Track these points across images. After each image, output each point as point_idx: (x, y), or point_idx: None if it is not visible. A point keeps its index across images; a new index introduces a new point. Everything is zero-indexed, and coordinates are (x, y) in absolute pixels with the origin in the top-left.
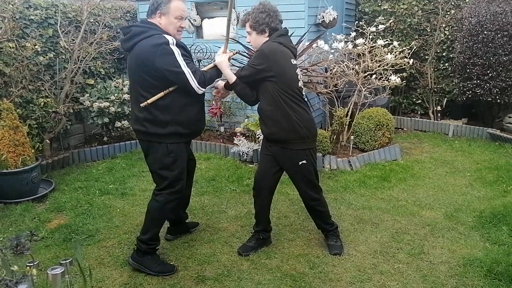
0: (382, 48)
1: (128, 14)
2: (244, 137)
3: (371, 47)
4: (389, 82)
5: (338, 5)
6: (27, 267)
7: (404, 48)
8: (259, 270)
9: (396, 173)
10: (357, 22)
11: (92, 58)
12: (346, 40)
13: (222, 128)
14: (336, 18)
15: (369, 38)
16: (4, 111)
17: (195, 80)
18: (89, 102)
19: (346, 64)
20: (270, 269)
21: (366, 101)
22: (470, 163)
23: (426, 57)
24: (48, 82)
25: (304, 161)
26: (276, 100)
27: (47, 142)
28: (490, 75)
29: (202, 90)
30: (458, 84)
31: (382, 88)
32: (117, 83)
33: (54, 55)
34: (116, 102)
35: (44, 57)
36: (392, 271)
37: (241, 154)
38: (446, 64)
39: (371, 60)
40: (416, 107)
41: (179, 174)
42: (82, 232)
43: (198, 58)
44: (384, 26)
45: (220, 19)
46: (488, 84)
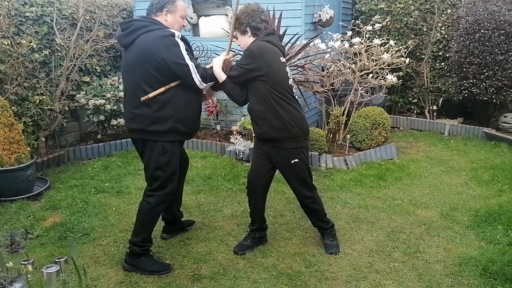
0: (379, 47)
1: (124, 12)
2: (240, 135)
3: (368, 46)
4: (385, 81)
5: (334, 3)
6: (22, 266)
7: (401, 47)
8: (255, 268)
9: (392, 172)
10: (353, 21)
11: (88, 56)
12: (342, 39)
13: (218, 127)
14: (332, 16)
15: (365, 37)
16: None
17: (197, 74)
18: (84, 99)
19: (342, 63)
20: (266, 267)
21: (363, 100)
22: (466, 162)
23: (423, 56)
24: (44, 80)
25: (296, 159)
26: (266, 100)
27: (43, 139)
28: (487, 74)
29: (203, 85)
30: (454, 83)
31: (379, 87)
32: (113, 81)
33: (49, 52)
34: (112, 99)
35: (40, 54)
36: (388, 270)
37: (237, 152)
38: (442, 64)
39: (368, 59)
40: (412, 106)
41: (171, 174)
42: (77, 230)
43: (194, 56)
44: (380, 25)
45: (217, 17)
46: (484, 83)
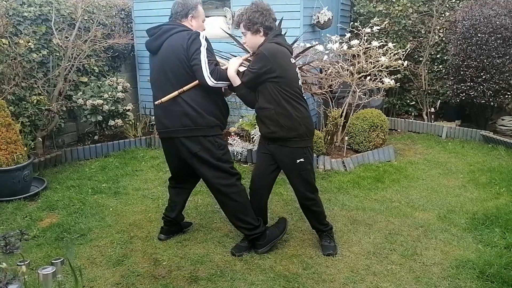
0: (377, 49)
1: (122, 12)
2: (238, 137)
3: (366, 48)
4: (383, 83)
5: (333, 5)
6: (17, 267)
7: (399, 50)
8: (253, 270)
9: (389, 174)
10: (352, 23)
11: (86, 56)
12: (341, 41)
13: None
14: (331, 18)
15: (364, 39)
16: None
17: (208, 69)
18: (82, 100)
19: (341, 65)
20: (263, 269)
21: (361, 102)
22: (463, 165)
23: (420, 59)
24: (41, 80)
25: (302, 159)
26: (277, 100)
27: (40, 140)
28: (484, 77)
29: (213, 82)
30: (452, 86)
31: (377, 90)
32: (111, 81)
33: (47, 52)
34: (110, 100)
35: (38, 54)
36: (385, 272)
37: (235, 154)
38: (440, 66)
39: (366, 61)
40: (410, 109)
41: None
42: (74, 231)
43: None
44: (379, 28)
45: (215, 18)
46: (481, 86)
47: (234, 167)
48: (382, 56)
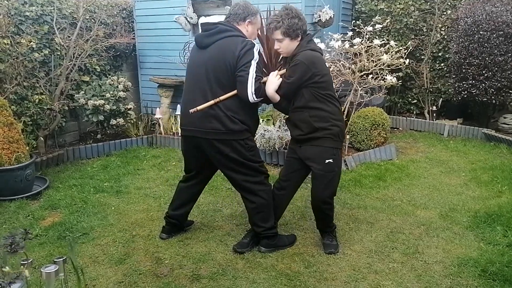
0: (379, 47)
1: (124, 11)
2: None
3: (368, 46)
4: (385, 81)
5: (334, 4)
6: (20, 266)
7: (400, 48)
8: (254, 269)
9: (391, 172)
10: (353, 21)
11: (88, 55)
12: (342, 39)
13: None
14: (332, 17)
15: (365, 38)
16: None
17: (253, 86)
18: (84, 99)
19: (342, 64)
20: (265, 268)
21: (362, 100)
22: (465, 163)
23: (422, 57)
24: (43, 79)
25: (331, 160)
26: (311, 102)
27: (42, 139)
28: (486, 75)
29: (254, 99)
30: (454, 84)
31: (378, 88)
32: (112, 81)
33: (49, 51)
34: (112, 99)
35: (39, 53)
36: (387, 270)
37: None
38: (442, 64)
39: (368, 60)
40: (411, 107)
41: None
42: (76, 230)
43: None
44: (380, 26)
45: (217, 17)
46: (483, 84)
47: (263, 165)
48: (384, 54)
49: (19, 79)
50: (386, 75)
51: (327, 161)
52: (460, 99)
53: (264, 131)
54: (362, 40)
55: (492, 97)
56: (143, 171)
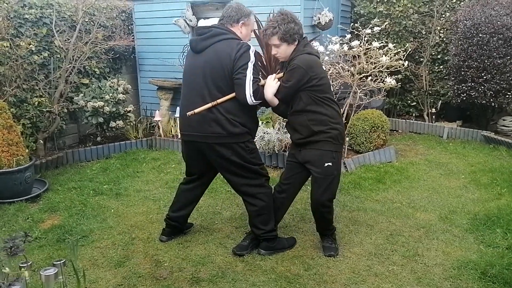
0: (378, 50)
1: (123, 14)
2: None
3: (367, 49)
4: (384, 84)
5: (334, 6)
6: (20, 269)
7: (399, 50)
8: (254, 271)
9: (390, 175)
10: (352, 24)
11: (87, 58)
12: (341, 41)
13: None
14: (332, 19)
15: (364, 40)
16: None
17: (251, 88)
18: (83, 101)
19: (341, 66)
20: (264, 270)
21: (361, 103)
22: (465, 165)
23: (421, 59)
24: (43, 82)
25: (330, 163)
26: (309, 106)
27: (41, 141)
28: (485, 77)
29: (253, 101)
30: (453, 87)
31: (377, 90)
32: (112, 83)
33: (48, 54)
34: (111, 102)
35: (39, 56)
36: (387, 273)
37: None
38: (441, 67)
39: (367, 62)
40: (411, 109)
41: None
42: (75, 232)
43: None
44: (379, 28)
45: (216, 19)
46: (482, 87)
47: (264, 168)
48: (383, 56)
49: (19, 81)
50: (385, 77)
51: (326, 164)
52: (459, 101)
53: (264, 133)
54: (361, 43)
55: (491, 99)
56: (142, 174)
